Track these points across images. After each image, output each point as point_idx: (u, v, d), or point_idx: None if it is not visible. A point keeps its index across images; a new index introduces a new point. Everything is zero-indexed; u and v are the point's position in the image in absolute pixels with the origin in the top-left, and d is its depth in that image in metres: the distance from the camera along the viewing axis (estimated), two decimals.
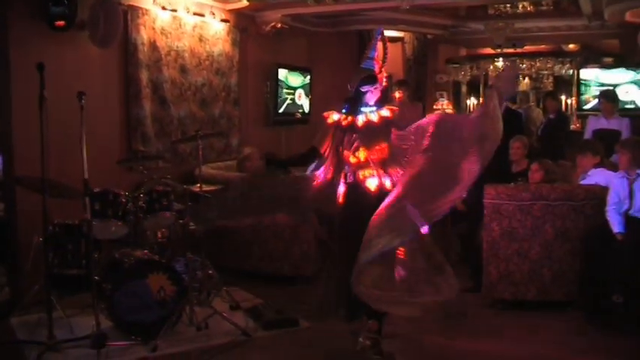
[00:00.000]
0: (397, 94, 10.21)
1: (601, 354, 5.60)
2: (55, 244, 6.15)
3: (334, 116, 5.33)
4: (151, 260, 6.02)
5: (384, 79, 5.38)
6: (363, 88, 5.25)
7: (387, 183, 5.17)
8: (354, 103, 5.28)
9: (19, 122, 6.59)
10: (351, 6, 10.25)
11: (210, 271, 6.79)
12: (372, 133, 5.21)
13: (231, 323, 6.02)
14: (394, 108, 5.38)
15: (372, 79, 5.26)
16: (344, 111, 5.29)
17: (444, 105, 14.58)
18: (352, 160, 5.22)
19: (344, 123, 5.26)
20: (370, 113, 5.24)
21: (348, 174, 5.27)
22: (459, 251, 8.09)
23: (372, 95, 5.27)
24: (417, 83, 13.87)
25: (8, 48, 6.66)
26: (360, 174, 5.21)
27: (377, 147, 5.21)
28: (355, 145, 5.21)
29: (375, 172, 5.18)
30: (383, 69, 5.34)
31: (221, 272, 7.01)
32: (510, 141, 8.28)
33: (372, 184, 5.18)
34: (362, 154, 5.19)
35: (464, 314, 6.38)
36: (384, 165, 5.22)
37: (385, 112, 5.27)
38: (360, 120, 5.23)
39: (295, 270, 7.67)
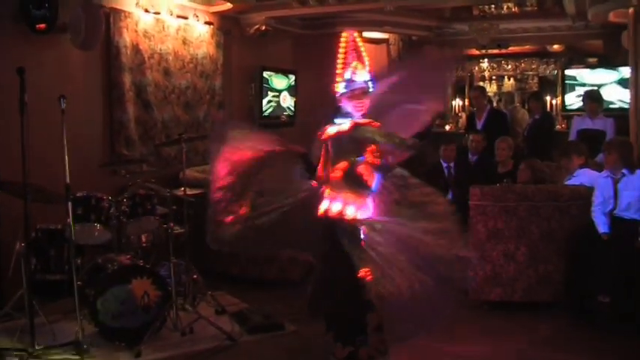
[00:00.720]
0: None
1: (587, 354, 5.59)
2: (38, 250, 6.09)
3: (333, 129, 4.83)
4: (134, 265, 5.97)
5: (341, 88, 4.83)
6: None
7: (334, 208, 4.70)
8: (333, 114, 4.90)
9: (0, 126, 6.52)
10: (336, 8, 10.22)
11: (195, 276, 6.74)
12: (336, 148, 4.81)
13: (217, 328, 5.98)
14: (358, 121, 4.79)
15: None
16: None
17: None
18: (332, 174, 4.80)
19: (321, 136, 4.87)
20: (332, 126, 4.82)
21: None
22: None
23: (350, 105, 4.79)
24: None
25: None
26: (324, 193, 4.81)
27: (339, 164, 4.77)
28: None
29: (329, 194, 4.75)
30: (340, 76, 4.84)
31: (206, 276, 6.97)
32: (496, 142, 8.30)
33: (321, 206, 4.77)
34: (334, 171, 4.78)
35: None
36: (340, 186, 4.73)
37: (344, 126, 4.79)
38: (325, 132, 4.84)
39: (282, 274, 7.64)
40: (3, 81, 6.36)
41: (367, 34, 13.18)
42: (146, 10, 8.39)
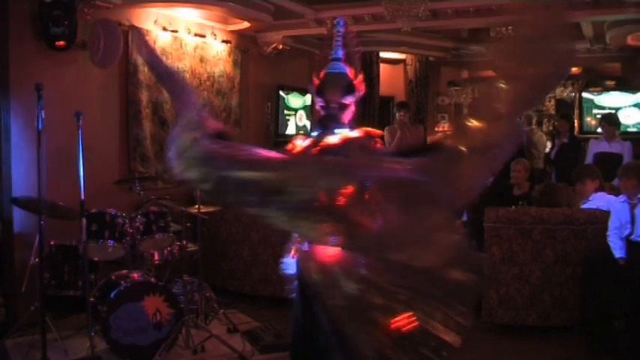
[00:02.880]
0: (398, 116, 10.20)
1: None
2: (52, 265, 6.10)
3: (300, 142, 3.84)
4: (147, 282, 5.97)
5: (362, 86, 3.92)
6: (346, 100, 3.81)
7: None
8: (329, 122, 3.82)
9: (18, 142, 6.57)
10: (353, 27, 10.22)
11: (207, 294, 6.74)
12: None
13: (228, 346, 5.96)
14: (371, 130, 3.81)
15: (351, 87, 3.84)
16: (315, 134, 3.84)
17: (446, 127, 14.57)
18: None
19: (313, 150, 3.73)
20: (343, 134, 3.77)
21: None
22: None
23: (349, 111, 3.84)
24: (419, 105, 13.88)
25: (8, 68, 6.64)
26: None
27: None
28: None
29: None
30: (359, 73, 3.92)
31: (219, 294, 6.96)
32: (512, 164, 8.25)
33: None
34: None
35: None
36: None
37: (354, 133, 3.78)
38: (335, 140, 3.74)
39: None
40: (21, 97, 6.42)
41: (384, 55, 13.24)
42: (164, 28, 8.45)
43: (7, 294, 6.64)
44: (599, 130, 9.95)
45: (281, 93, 11.03)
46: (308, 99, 11.61)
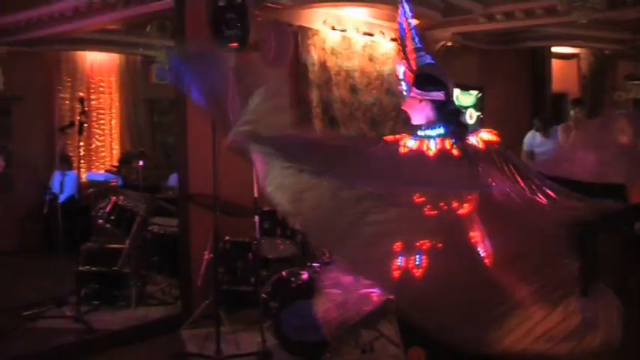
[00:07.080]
0: (572, 113, 9.78)
1: None
2: (226, 261, 6.29)
3: (411, 143, 3.36)
4: (317, 280, 6.01)
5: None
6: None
7: None
8: (456, 119, 3.36)
9: (194, 142, 6.79)
10: (523, 22, 9.93)
11: None
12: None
13: (397, 347, 5.91)
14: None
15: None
16: (442, 132, 3.30)
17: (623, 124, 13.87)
18: None
19: (455, 153, 3.20)
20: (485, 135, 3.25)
21: None
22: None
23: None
24: (594, 101, 13.29)
25: None
26: None
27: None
28: None
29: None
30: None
31: None
32: None
33: None
34: None
35: None
36: None
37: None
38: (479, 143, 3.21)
39: None
40: None
41: (556, 49, 12.78)
42: (333, 28, 8.52)
43: (184, 287, 6.88)
44: None
45: None
46: (478, 96, 11.37)
